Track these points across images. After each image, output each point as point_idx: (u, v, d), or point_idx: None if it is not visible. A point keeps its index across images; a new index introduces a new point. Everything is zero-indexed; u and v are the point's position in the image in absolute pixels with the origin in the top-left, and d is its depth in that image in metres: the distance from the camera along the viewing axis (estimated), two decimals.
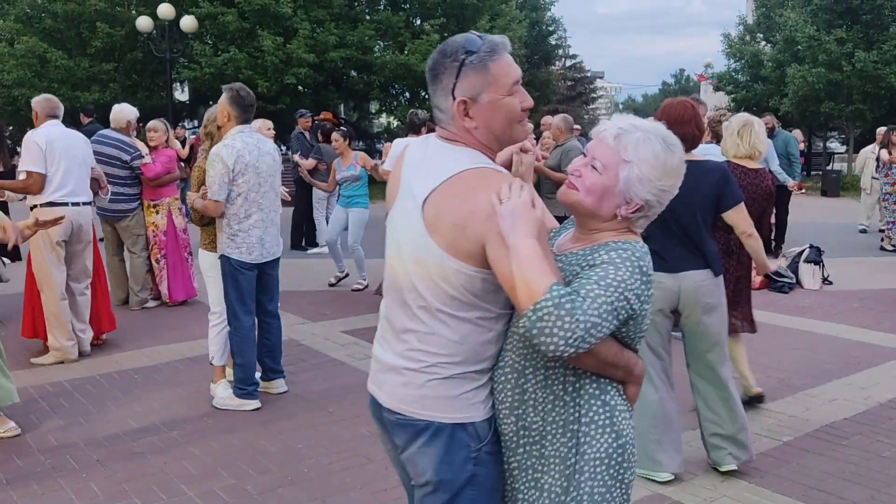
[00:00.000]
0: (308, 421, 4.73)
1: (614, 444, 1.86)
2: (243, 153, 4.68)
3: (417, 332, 1.92)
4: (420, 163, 1.97)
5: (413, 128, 7.60)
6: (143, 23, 17.81)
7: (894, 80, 22.15)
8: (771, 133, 10.52)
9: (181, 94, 26.73)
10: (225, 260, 4.79)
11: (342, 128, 8.64)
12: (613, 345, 1.83)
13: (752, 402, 4.81)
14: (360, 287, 8.55)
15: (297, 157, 10.62)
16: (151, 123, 7.83)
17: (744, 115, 4.80)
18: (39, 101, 6.01)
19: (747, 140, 4.57)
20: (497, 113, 1.87)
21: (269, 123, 7.31)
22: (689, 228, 3.73)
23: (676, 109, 3.84)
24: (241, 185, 4.69)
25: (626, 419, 1.91)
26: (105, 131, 7.52)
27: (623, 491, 1.90)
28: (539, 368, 1.87)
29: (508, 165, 2.11)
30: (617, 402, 1.89)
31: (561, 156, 7.34)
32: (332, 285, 8.74)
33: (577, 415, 1.86)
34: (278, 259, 5.05)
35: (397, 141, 7.59)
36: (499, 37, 1.89)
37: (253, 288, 4.88)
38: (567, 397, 1.87)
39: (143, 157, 7.40)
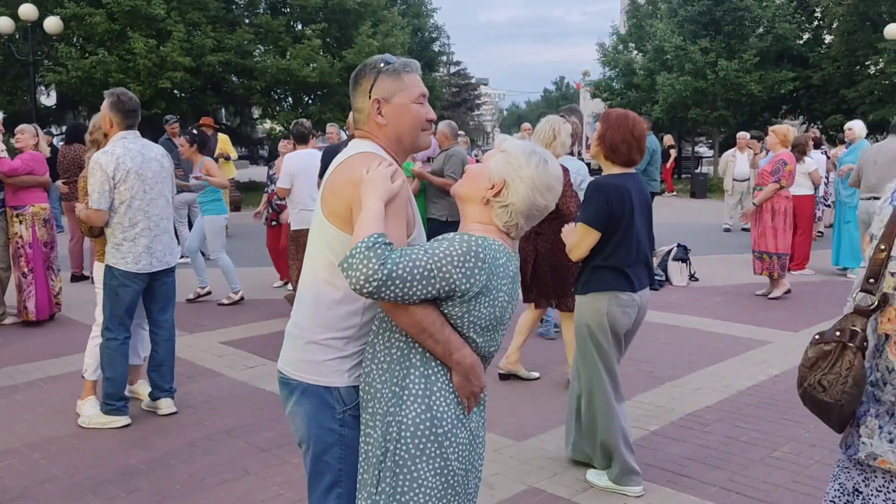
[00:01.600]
0: (182, 435, 4.58)
1: (423, 416, 1.97)
2: (124, 159, 4.51)
3: (302, 300, 2.19)
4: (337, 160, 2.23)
5: (301, 138, 7.39)
6: (4, 24, 16.78)
7: (754, 88, 23.68)
8: None
9: (47, 99, 25.35)
10: (108, 271, 4.61)
11: (193, 131, 8.20)
12: (434, 314, 1.94)
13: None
14: (231, 300, 8.01)
15: None
16: (20, 127, 7.45)
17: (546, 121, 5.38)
18: None
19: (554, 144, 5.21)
20: (404, 115, 2.18)
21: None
22: (644, 243, 3.78)
23: (643, 126, 3.79)
24: (123, 192, 4.52)
25: (445, 402, 2.00)
26: None
27: (432, 466, 1.97)
28: (386, 330, 2.04)
29: None
30: (437, 379, 2.00)
31: (444, 160, 7.43)
32: (189, 301, 8.14)
33: (399, 377, 2.00)
34: (173, 268, 4.86)
35: (288, 156, 7.34)
36: (413, 60, 2.24)
37: (133, 301, 4.69)
38: (400, 359, 2.01)
39: None
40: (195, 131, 8.08)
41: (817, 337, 1.89)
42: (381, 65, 2.18)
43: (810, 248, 10.04)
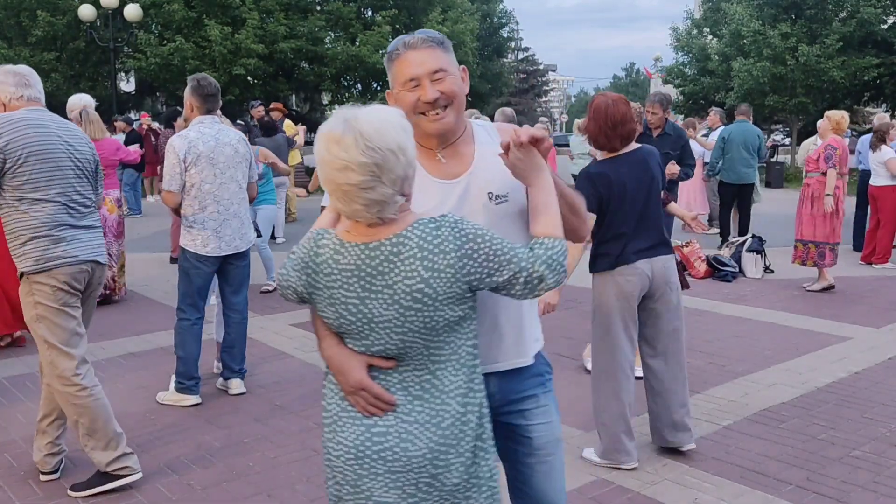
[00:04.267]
0: (254, 414, 4.69)
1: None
2: (196, 143, 4.64)
3: None
4: None
5: None
6: (86, 11, 17.40)
7: (836, 74, 22.74)
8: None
9: (127, 85, 26.15)
10: (182, 251, 4.79)
11: (239, 121, 8.27)
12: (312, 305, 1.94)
13: None
14: (269, 289, 7.93)
15: None
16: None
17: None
18: None
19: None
20: (400, 105, 2.04)
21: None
22: (653, 213, 3.93)
23: (620, 110, 3.84)
24: (193, 175, 4.65)
25: (331, 392, 1.92)
26: None
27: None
28: None
29: None
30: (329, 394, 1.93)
31: None
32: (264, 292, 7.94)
33: None
34: (245, 252, 4.96)
35: None
36: (412, 35, 2.04)
37: (205, 284, 4.82)
38: None
39: None
40: (241, 121, 8.20)
41: None
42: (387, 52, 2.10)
43: (892, 241, 9.62)
